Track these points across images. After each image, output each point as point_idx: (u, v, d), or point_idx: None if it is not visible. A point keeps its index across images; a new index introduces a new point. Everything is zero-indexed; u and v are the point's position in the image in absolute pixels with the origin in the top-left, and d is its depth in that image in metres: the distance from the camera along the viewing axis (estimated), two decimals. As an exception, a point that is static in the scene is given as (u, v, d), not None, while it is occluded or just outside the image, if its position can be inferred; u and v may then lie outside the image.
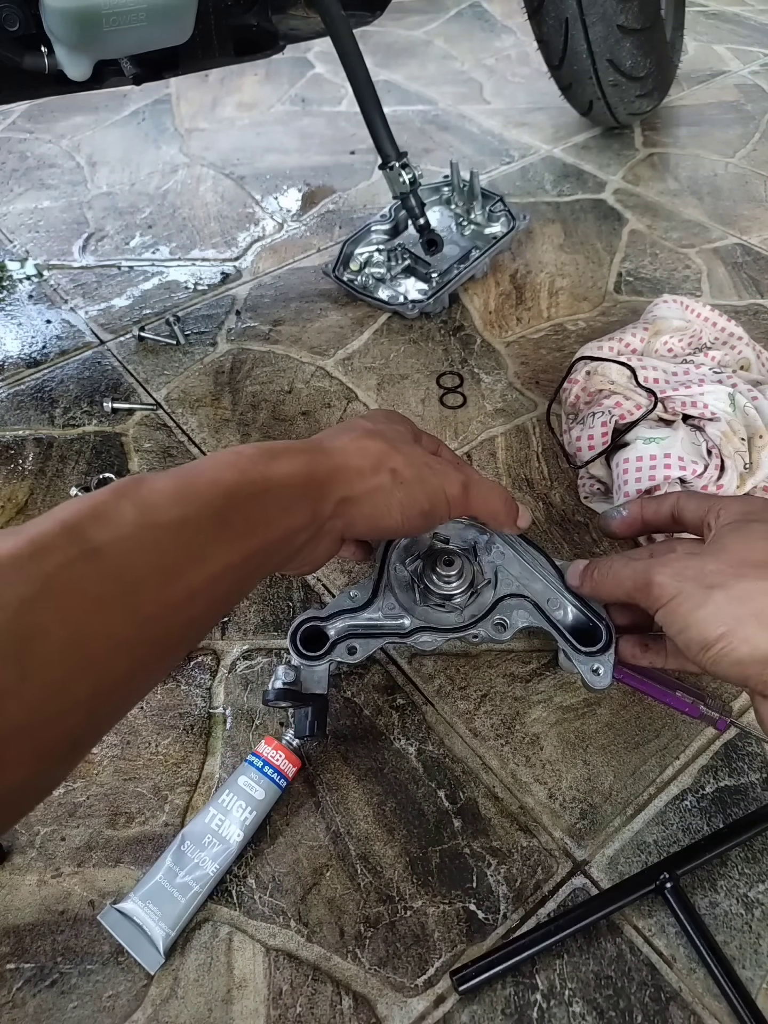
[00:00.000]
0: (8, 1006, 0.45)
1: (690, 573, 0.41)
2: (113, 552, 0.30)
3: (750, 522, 0.43)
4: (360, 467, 0.43)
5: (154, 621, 0.31)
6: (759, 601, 0.38)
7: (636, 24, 1.02)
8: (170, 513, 0.33)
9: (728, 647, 0.39)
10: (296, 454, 0.40)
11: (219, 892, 0.48)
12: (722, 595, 0.39)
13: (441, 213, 0.99)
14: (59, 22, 0.60)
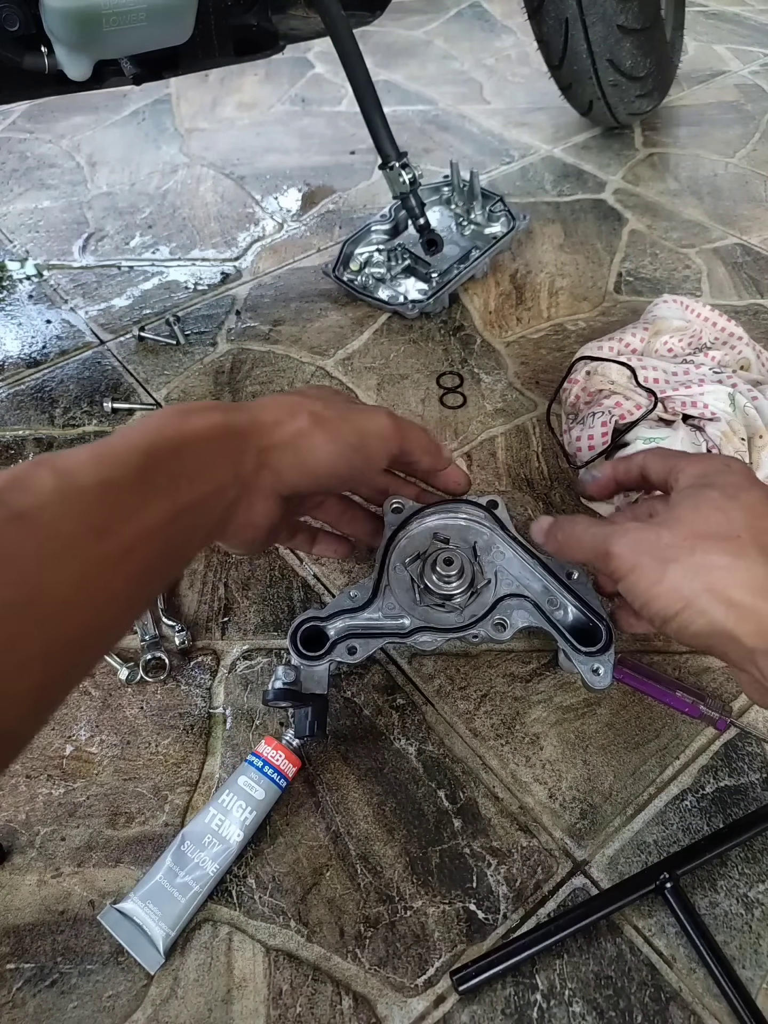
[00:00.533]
0: (8, 1006, 0.45)
1: (646, 546, 0.41)
2: (39, 516, 0.31)
3: (704, 487, 0.43)
4: (276, 416, 0.44)
5: (93, 579, 0.32)
6: (711, 576, 0.39)
7: (636, 24, 1.02)
8: (90, 476, 0.33)
9: (686, 621, 0.40)
10: (211, 410, 0.41)
11: (219, 892, 0.49)
12: (677, 570, 0.40)
13: (441, 213, 0.99)
14: (59, 22, 0.60)
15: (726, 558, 0.39)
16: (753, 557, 0.39)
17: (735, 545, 0.39)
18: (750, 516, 0.41)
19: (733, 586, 0.38)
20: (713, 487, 0.43)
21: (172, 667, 0.59)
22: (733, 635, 0.38)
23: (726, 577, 0.39)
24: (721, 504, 0.41)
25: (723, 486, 0.43)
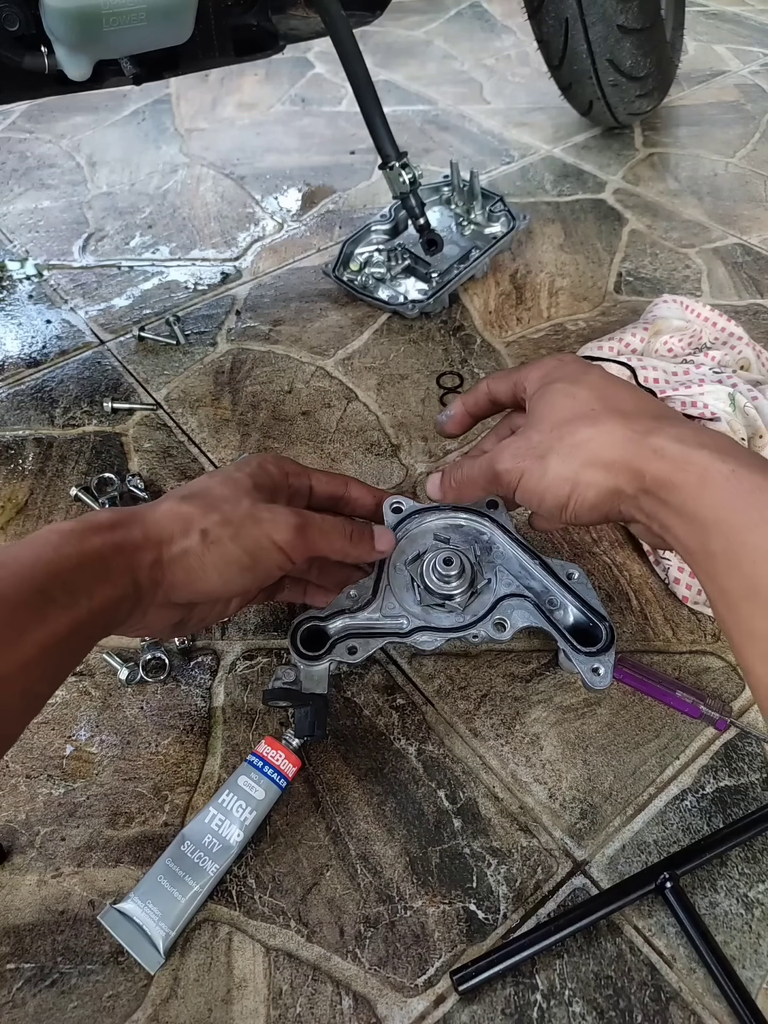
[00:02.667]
0: (8, 1006, 0.45)
1: (523, 451, 0.44)
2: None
3: (550, 384, 0.46)
4: (168, 532, 0.44)
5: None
6: (583, 450, 0.42)
7: (636, 24, 1.02)
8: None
9: (580, 498, 0.43)
10: (108, 529, 0.42)
11: (219, 892, 0.48)
12: (555, 458, 0.43)
13: (441, 213, 0.99)
14: (59, 22, 0.60)
15: (589, 430, 0.42)
16: (610, 420, 0.42)
17: (591, 417, 0.43)
18: (596, 391, 0.44)
19: (604, 450, 0.42)
20: (557, 380, 0.46)
21: (172, 667, 0.59)
22: (618, 489, 0.41)
23: (595, 446, 0.42)
24: (569, 391, 0.45)
25: (565, 376, 0.46)
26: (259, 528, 0.46)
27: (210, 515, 0.45)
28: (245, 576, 0.46)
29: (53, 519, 0.69)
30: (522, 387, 0.49)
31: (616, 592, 0.63)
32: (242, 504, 0.46)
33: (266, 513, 0.47)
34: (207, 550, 0.44)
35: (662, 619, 0.61)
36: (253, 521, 0.46)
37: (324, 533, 0.49)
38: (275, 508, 0.47)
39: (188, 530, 0.44)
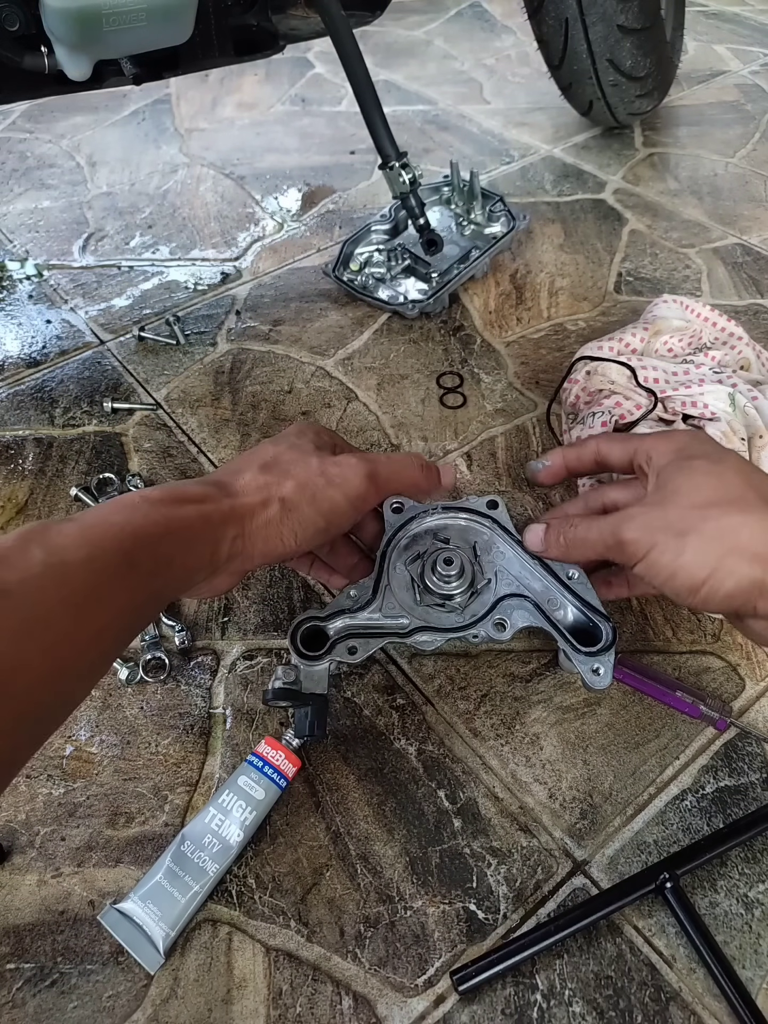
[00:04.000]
0: (8, 1006, 0.45)
1: (658, 524, 0.43)
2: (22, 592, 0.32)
3: (688, 459, 0.45)
4: (251, 505, 0.45)
5: (66, 656, 0.33)
6: (731, 537, 0.41)
7: (636, 24, 1.02)
8: (78, 554, 0.35)
9: (716, 585, 0.41)
10: (198, 500, 0.43)
11: (219, 892, 0.49)
12: (696, 539, 0.41)
13: (441, 213, 0.99)
14: (59, 22, 0.60)
15: (739, 517, 0.41)
16: (763, 510, 0.41)
17: (742, 504, 0.41)
18: (742, 476, 0.43)
19: (754, 541, 0.40)
20: (696, 457, 0.45)
21: (172, 667, 0.59)
22: (763, 584, 0.40)
23: (745, 535, 0.40)
24: (711, 470, 0.43)
25: (705, 454, 0.45)
26: (333, 488, 0.47)
27: (286, 482, 0.46)
28: (319, 536, 0.48)
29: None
30: (645, 456, 0.47)
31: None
32: (311, 464, 0.48)
33: (335, 468, 0.48)
34: (287, 517, 0.45)
35: (662, 619, 0.61)
36: (326, 481, 0.47)
37: (395, 472, 0.51)
38: (342, 460, 0.49)
39: (269, 500, 0.45)
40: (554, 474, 0.53)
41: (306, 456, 0.48)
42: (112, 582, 0.36)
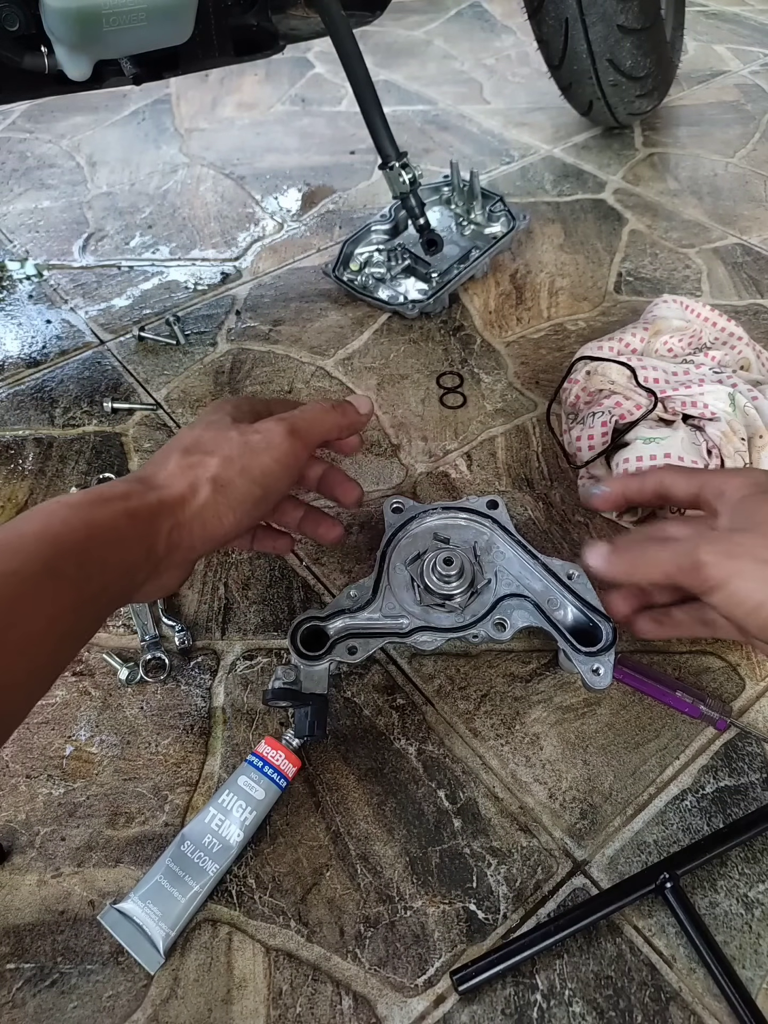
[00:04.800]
0: (8, 1006, 0.45)
1: (741, 551, 0.40)
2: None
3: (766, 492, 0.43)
4: (180, 493, 0.44)
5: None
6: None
7: (636, 24, 1.02)
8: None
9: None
10: (120, 498, 0.41)
11: (219, 892, 0.48)
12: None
13: (441, 213, 0.99)
14: (59, 22, 0.60)
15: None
16: None
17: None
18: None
19: None
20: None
21: (172, 667, 0.59)
22: None
23: None
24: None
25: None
26: (259, 455, 0.46)
27: (211, 461, 0.45)
28: (260, 507, 0.47)
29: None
30: (715, 491, 0.45)
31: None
32: (232, 438, 0.46)
33: (255, 435, 0.47)
34: (221, 496, 0.44)
35: (662, 619, 0.61)
36: (250, 449, 0.46)
37: (313, 421, 0.50)
38: (260, 426, 0.47)
39: (197, 484, 0.44)
40: (611, 502, 0.51)
41: (225, 431, 0.47)
42: (34, 593, 0.35)
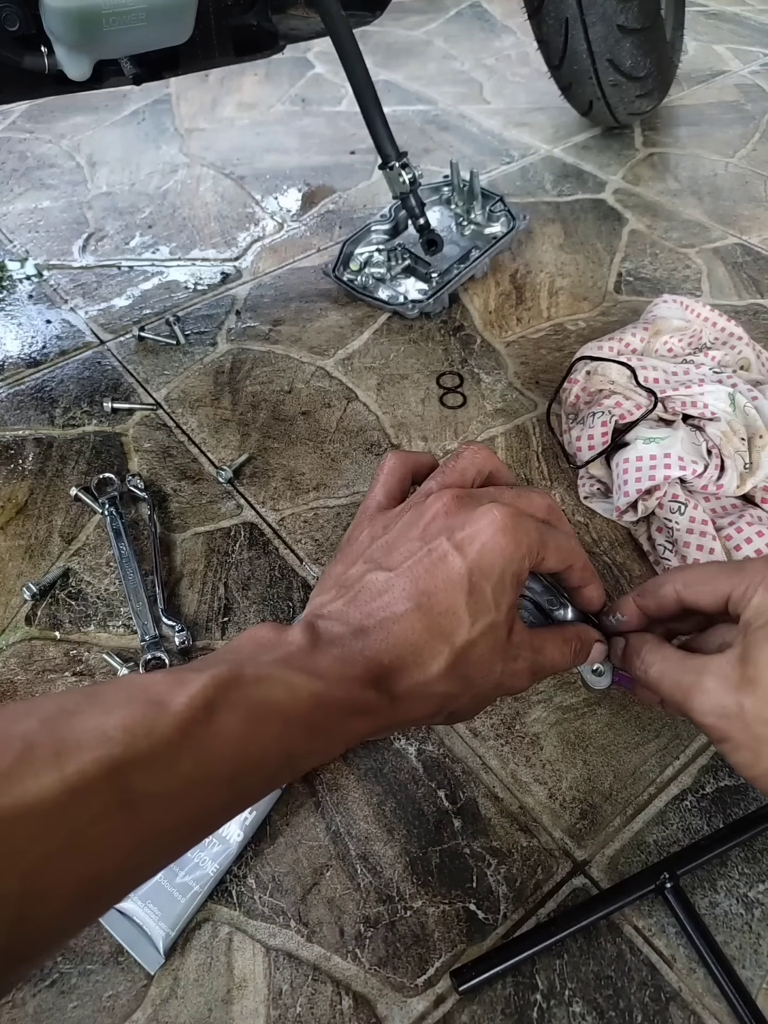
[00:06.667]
0: (8, 1006, 0.45)
1: (731, 717, 0.35)
2: (152, 805, 0.26)
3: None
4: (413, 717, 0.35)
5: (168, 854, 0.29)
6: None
7: (636, 24, 1.02)
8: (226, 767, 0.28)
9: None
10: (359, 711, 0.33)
11: (219, 892, 0.48)
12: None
13: (441, 213, 0.99)
14: (59, 22, 0.60)
15: None
16: None
17: None
18: None
19: None
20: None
21: (172, 667, 0.59)
22: None
23: None
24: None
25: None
26: (502, 690, 0.39)
27: (464, 697, 0.36)
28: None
29: (53, 519, 0.69)
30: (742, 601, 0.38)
31: (616, 592, 0.63)
32: (495, 672, 0.37)
33: (513, 680, 0.38)
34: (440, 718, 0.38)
35: (662, 619, 0.61)
36: (502, 690, 0.38)
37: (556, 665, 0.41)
38: (525, 665, 0.38)
39: (435, 715, 0.36)
40: (636, 625, 0.45)
41: (495, 653, 0.36)
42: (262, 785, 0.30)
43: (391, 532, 0.37)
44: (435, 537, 0.35)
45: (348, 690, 0.32)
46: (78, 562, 0.66)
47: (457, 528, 0.35)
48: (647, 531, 0.65)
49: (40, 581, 0.64)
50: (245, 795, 0.30)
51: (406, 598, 0.34)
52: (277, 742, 0.30)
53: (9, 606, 0.63)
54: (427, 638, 0.34)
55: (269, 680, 0.30)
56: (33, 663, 0.60)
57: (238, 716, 0.29)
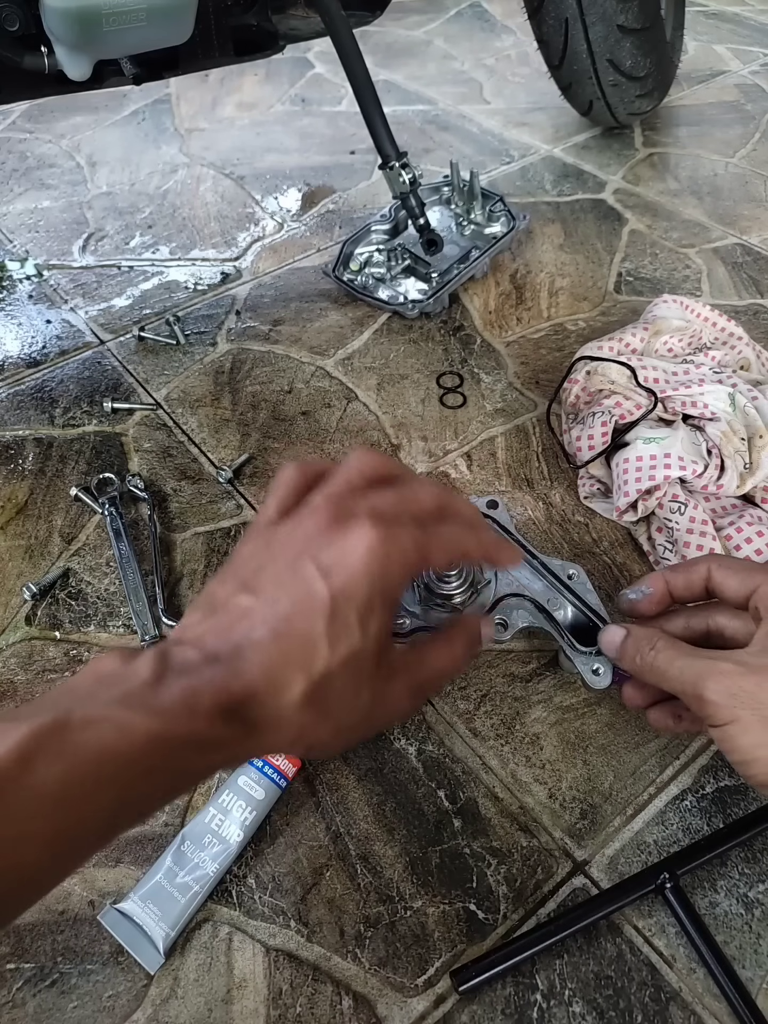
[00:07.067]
0: (8, 1006, 0.45)
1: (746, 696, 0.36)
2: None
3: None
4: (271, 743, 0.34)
5: None
6: None
7: (636, 24, 1.02)
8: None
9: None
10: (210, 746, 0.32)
11: (219, 892, 0.48)
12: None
13: (441, 213, 0.99)
14: (59, 22, 0.60)
15: None
16: None
17: None
18: None
19: None
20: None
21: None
22: None
23: None
24: None
25: None
26: (375, 723, 0.38)
27: (324, 726, 0.35)
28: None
29: (53, 519, 0.69)
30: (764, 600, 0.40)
31: (616, 592, 0.63)
32: (362, 702, 0.35)
33: (382, 709, 0.37)
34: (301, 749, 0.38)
35: (662, 619, 0.61)
36: (370, 722, 0.37)
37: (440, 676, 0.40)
38: (394, 692, 0.37)
39: (295, 742, 0.35)
40: (657, 602, 0.45)
41: (360, 682, 0.35)
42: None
43: (271, 551, 0.36)
44: (301, 558, 0.34)
45: (191, 725, 0.30)
46: (78, 562, 0.66)
47: (325, 548, 0.34)
48: (647, 531, 0.65)
49: (40, 581, 0.64)
50: (76, 849, 0.29)
51: (264, 623, 0.33)
52: (109, 789, 0.29)
53: (9, 606, 0.63)
54: (282, 666, 0.32)
55: (99, 723, 0.29)
56: (33, 663, 0.60)
57: (59, 766, 0.27)
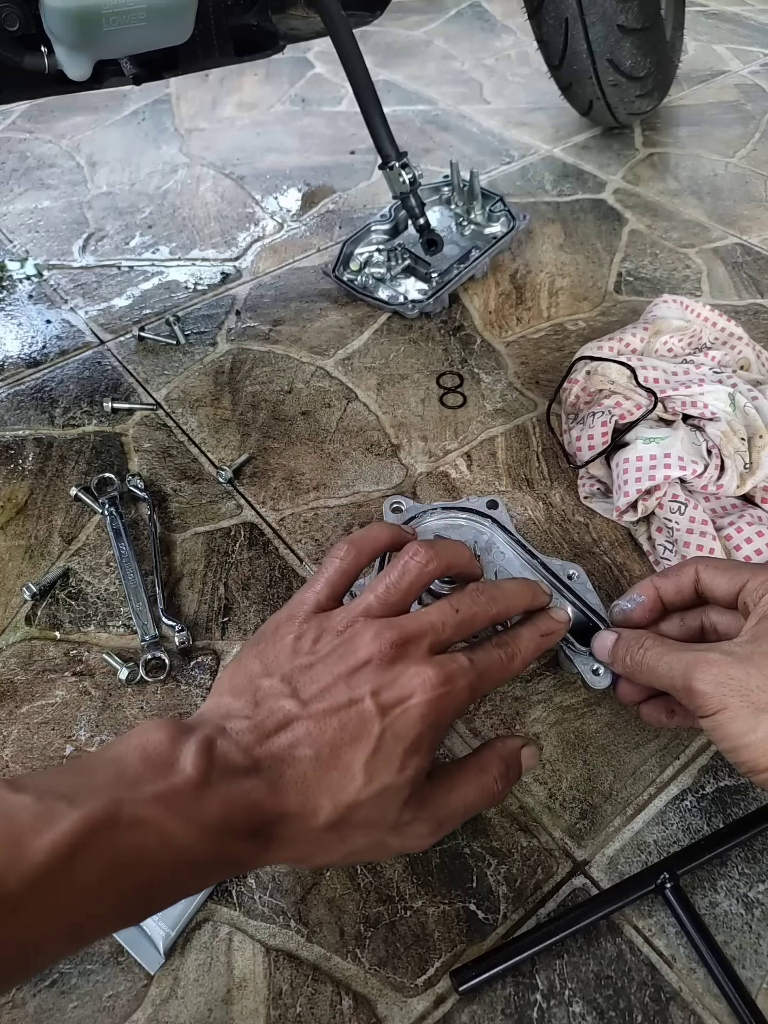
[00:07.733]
0: (8, 1006, 0.45)
1: (735, 684, 0.37)
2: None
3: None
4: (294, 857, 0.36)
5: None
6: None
7: (636, 24, 1.02)
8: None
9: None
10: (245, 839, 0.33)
11: (219, 892, 0.48)
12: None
13: (441, 213, 0.99)
14: (59, 22, 0.60)
15: None
16: None
17: None
18: None
19: None
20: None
21: (172, 667, 0.59)
22: None
23: None
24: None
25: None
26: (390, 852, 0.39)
27: (342, 848, 0.36)
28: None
29: (53, 519, 0.69)
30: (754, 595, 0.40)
31: (616, 592, 0.63)
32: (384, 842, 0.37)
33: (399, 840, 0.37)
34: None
35: (662, 619, 0.61)
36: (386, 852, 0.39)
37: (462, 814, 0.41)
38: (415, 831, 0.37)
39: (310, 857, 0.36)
40: (650, 609, 0.46)
41: (385, 815, 0.35)
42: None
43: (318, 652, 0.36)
44: (360, 688, 0.34)
45: (223, 845, 0.31)
46: (78, 562, 0.66)
47: (385, 688, 0.34)
48: (647, 531, 0.65)
49: (40, 581, 0.64)
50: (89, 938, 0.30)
51: (309, 744, 0.33)
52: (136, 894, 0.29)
53: (9, 606, 0.63)
54: (316, 792, 0.33)
55: (144, 827, 0.29)
56: (33, 663, 0.60)
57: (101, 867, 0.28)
